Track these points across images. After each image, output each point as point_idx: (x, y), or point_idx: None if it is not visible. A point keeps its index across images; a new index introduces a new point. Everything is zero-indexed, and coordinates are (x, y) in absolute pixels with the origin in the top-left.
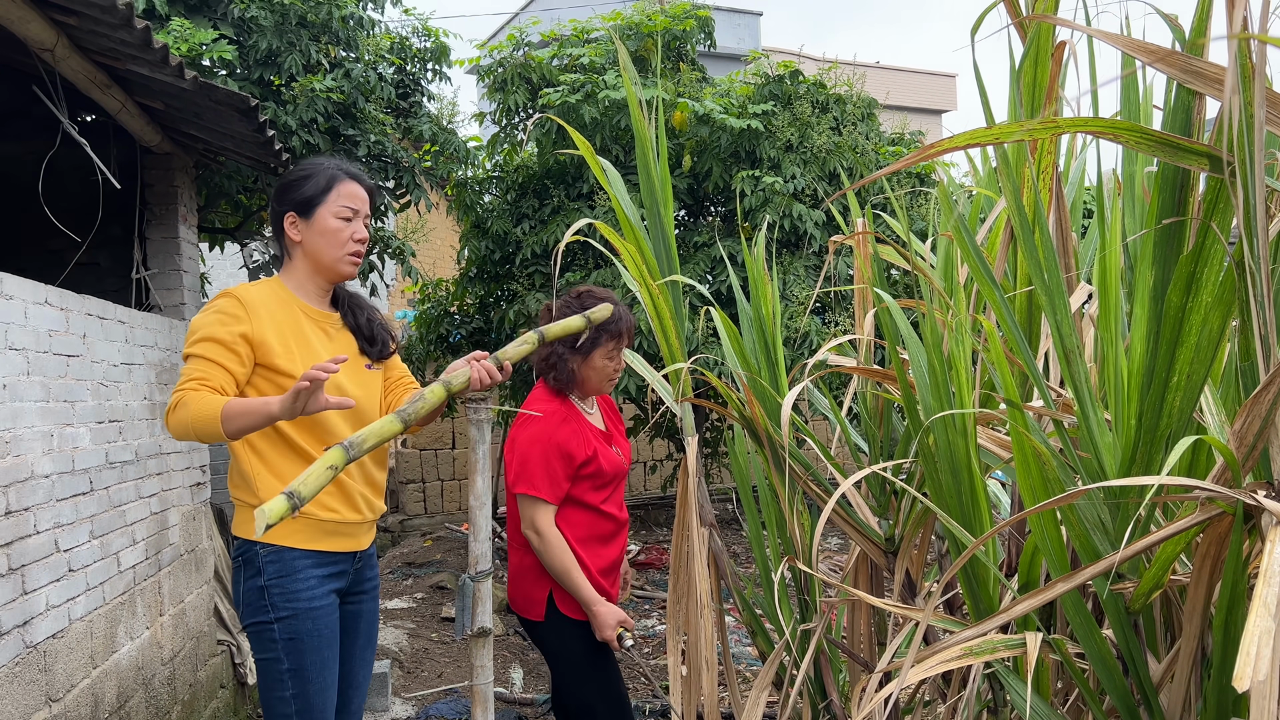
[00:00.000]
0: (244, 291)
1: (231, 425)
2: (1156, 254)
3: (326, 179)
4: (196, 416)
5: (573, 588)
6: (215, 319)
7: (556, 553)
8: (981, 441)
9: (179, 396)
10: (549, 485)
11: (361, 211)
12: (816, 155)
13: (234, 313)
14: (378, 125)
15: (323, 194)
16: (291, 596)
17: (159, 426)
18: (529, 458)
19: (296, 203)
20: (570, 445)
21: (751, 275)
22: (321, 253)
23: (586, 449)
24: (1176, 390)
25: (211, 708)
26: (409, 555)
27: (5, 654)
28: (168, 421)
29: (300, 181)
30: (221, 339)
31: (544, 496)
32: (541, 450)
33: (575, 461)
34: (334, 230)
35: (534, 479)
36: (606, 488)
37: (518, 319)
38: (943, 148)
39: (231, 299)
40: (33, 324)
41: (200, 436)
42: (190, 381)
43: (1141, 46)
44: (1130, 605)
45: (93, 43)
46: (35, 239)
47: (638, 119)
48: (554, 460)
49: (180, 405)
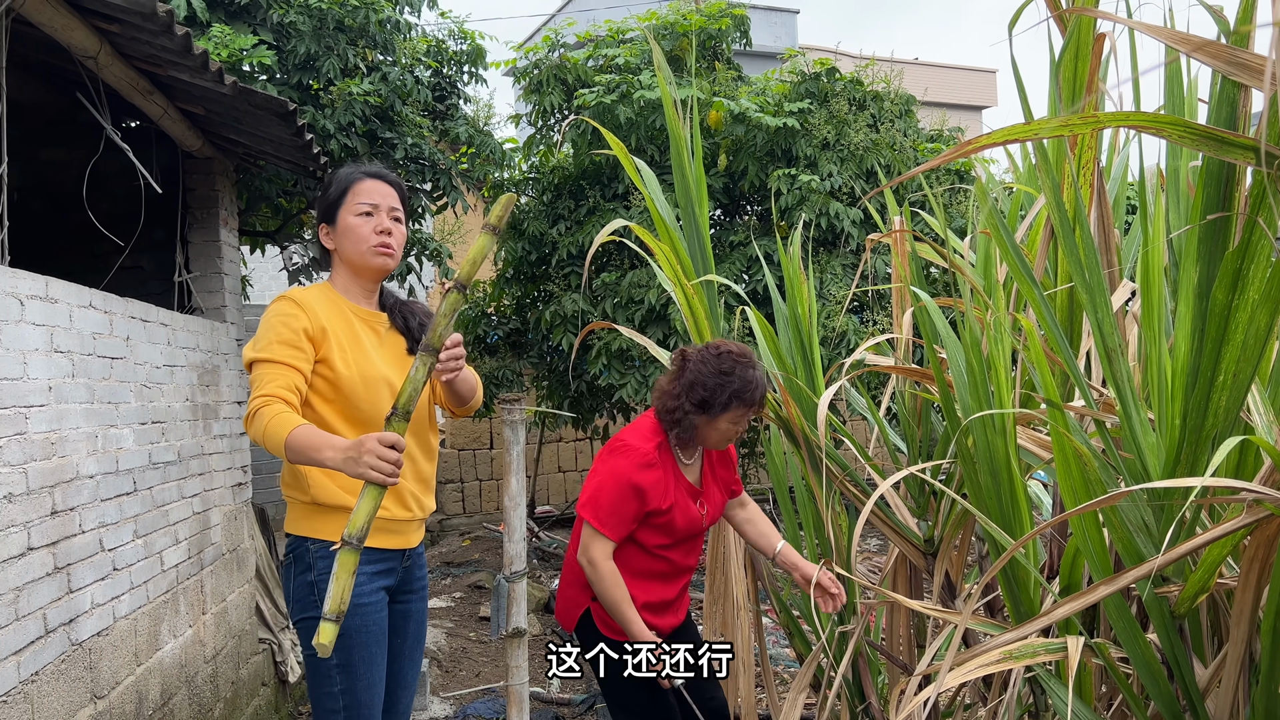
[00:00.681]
0: (297, 294)
1: (292, 457)
2: (1201, 250)
3: (343, 184)
4: (266, 436)
5: (622, 621)
6: (277, 321)
7: (609, 586)
8: (1021, 442)
9: (254, 407)
10: (614, 523)
11: (383, 205)
12: (854, 153)
13: (292, 312)
14: (415, 128)
15: (341, 198)
16: None
17: (200, 428)
18: (604, 489)
19: (323, 213)
20: (649, 492)
21: (787, 274)
22: (350, 252)
23: (664, 501)
24: (1222, 389)
25: (253, 705)
26: (447, 554)
27: (52, 651)
28: (247, 426)
29: (325, 193)
30: (286, 339)
31: (605, 533)
32: (617, 487)
33: (648, 509)
34: (355, 228)
35: (601, 512)
36: (677, 541)
37: (554, 319)
38: (981, 143)
39: (287, 301)
40: (78, 327)
41: (269, 449)
42: (261, 395)
43: (1184, 38)
44: (1175, 609)
45: (135, 49)
46: (81, 243)
47: (672, 119)
48: (628, 501)
49: (256, 417)
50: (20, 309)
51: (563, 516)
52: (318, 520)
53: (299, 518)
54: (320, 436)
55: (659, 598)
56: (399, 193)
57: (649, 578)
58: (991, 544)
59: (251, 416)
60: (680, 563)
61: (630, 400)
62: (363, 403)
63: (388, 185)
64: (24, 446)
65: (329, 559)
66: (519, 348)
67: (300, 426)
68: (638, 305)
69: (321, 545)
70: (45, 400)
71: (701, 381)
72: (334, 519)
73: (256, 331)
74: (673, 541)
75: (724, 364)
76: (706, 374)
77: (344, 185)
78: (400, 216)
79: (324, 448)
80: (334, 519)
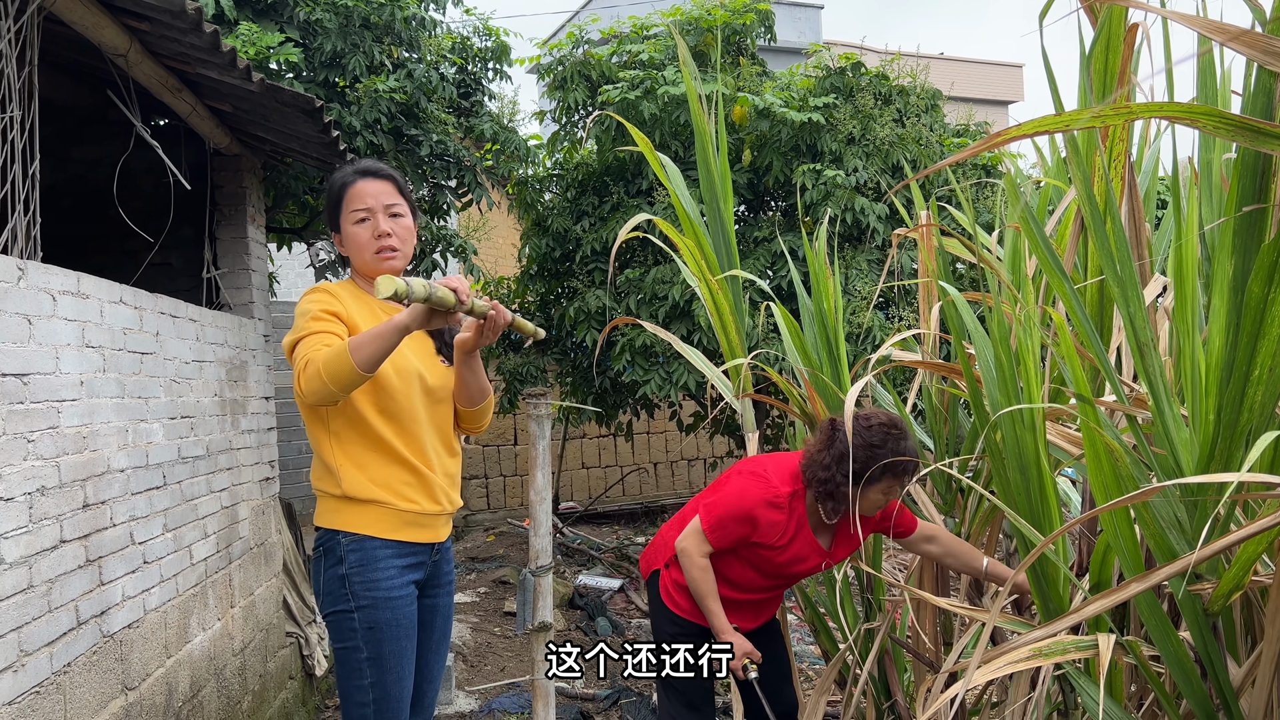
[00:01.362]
0: (331, 287)
1: (362, 354)
2: (1236, 243)
3: (336, 192)
4: (327, 361)
5: (707, 612)
6: (313, 304)
7: (697, 576)
8: (1051, 438)
9: (303, 362)
10: (719, 535)
11: (376, 206)
12: (879, 148)
13: (323, 297)
14: (440, 125)
15: (337, 207)
16: (372, 585)
17: (229, 423)
18: (724, 503)
19: (330, 222)
20: (763, 528)
21: (813, 270)
22: (356, 259)
23: (777, 539)
24: (1258, 384)
25: (281, 698)
26: (472, 550)
27: (83, 643)
28: (301, 387)
29: (326, 203)
30: (324, 316)
31: (709, 537)
32: (737, 507)
33: (755, 540)
34: (354, 235)
35: (713, 519)
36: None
37: (578, 315)
38: (1010, 135)
39: (319, 290)
40: (109, 322)
41: (337, 382)
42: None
43: (1218, 27)
44: (1209, 607)
45: (164, 47)
46: (111, 240)
47: (697, 114)
48: (740, 524)
49: (310, 364)
50: (52, 304)
51: (586, 513)
52: (349, 513)
53: (329, 511)
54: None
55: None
56: (395, 184)
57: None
58: (1020, 540)
59: (303, 371)
60: (776, 594)
61: (654, 396)
62: (397, 394)
63: (380, 181)
64: (56, 440)
65: (360, 552)
66: (543, 344)
67: (350, 337)
68: (662, 301)
69: (353, 539)
70: (77, 395)
71: (854, 455)
72: (365, 512)
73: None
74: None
75: (874, 436)
76: (859, 446)
77: (337, 193)
78: (400, 210)
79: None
80: (365, 512)
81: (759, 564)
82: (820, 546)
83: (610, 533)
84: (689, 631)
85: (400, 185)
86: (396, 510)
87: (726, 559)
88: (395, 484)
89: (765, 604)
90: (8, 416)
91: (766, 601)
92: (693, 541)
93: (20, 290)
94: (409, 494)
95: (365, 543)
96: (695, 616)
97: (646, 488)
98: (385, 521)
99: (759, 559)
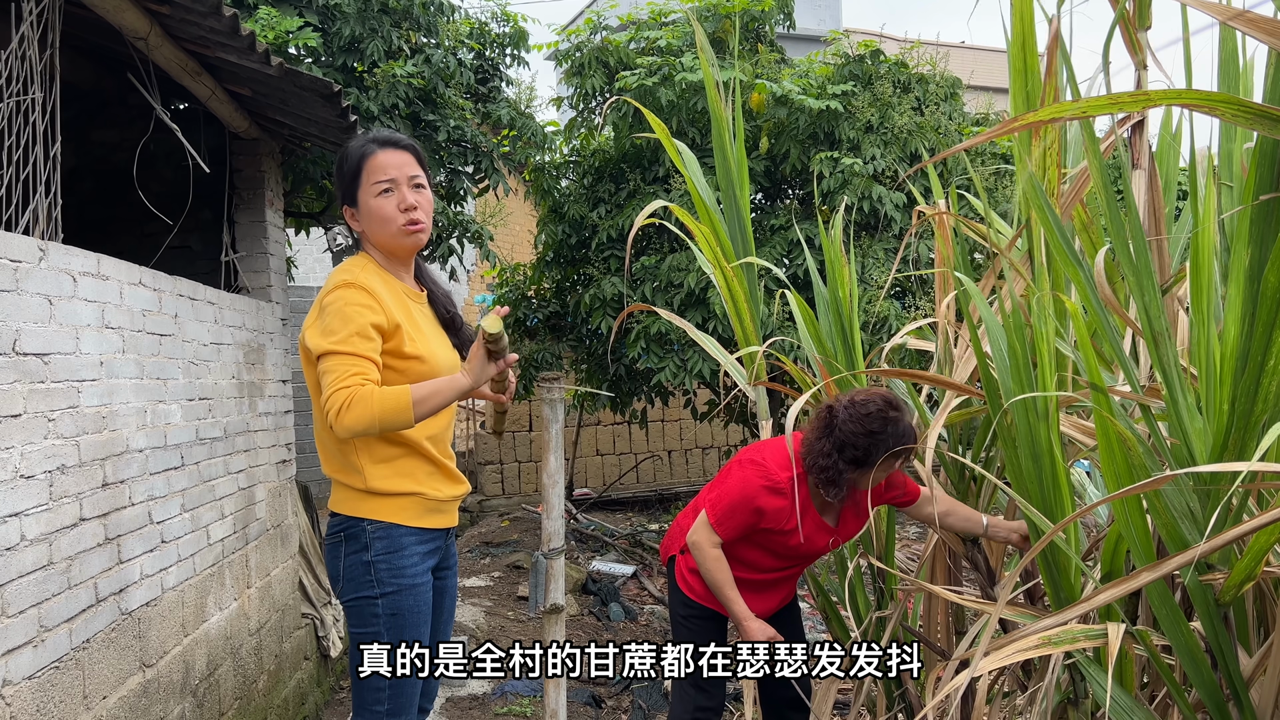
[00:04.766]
0: (364, 280)
1: (423, 409)
2: (1253, 232)
3: (354, 162)
4: (385, 410)
5: (725, 601)
6: (355, 312)
7: (712, 567)
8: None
9: (349, 394)
10: (728, 527)
11: (400, 177)
12: (897, 136)
13: (367, 303)
14: (457, 110)
15: (355, 178)
16: (398, 572)
17: (246, 405)
18: (728, 495)
19: (344, 195)
20: (768, 515)
21: (829, 258)
22: (380, 235)
23: (785, 524)
24: (1273, 374)
25: (296, 679)
26: (486, 535)
27: (102, 620)
28: (341, 421)
29: (341, 174)
30: (366, 334)
31: (718, 530)
32: (740, 499)
33: (763, 526)
34: (378, 209)
35: (719, 513)
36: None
37: (593, 302)
38: (1026, 121)
39: (358, 290)
40: (128, 304)
41: (388, 428)
42: (352, 377)
43: (1238, 14)
44: (1220, 597)
45: (184, 31)
46: (131, 223)
47: (714, 101)
48: (745, 515)
49: (357, 402)
50: (73, 285)
51: (601, 499)
52: (375, 502)
53: (352, 499)
54: (438, 380)
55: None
56: (415, 156)
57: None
58: (1032, 529)
59: (348, 405)
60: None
61: (668, 384)
62: None
63: (401, 151)
64: (76, 420)
65: (388, 539)
66: (558, 331)
67: (413, 386)
68: (677, 289)
69: (379, 526)
70: (96, 375)
71: (853, 443)
72: (391, 501)
73: (327, 314)
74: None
75: (873, 424)
76: (858, 434)
77: (356, 163)
78: (422, 182)
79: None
80: (391, 501)
81: (772, 547)
82: (827, 525)
83: (624, 519)
84: (702, 614)
85: (420, 156)
86: (423, 499)
87: (739, 543)
88: (419, 475)
89: (781, 583)
90: (29, 395)
91: (783, 581)
92: (703, 535)
93: (41, 271)
94: (432, 483)
95: (392, 530)
96: (709, 601)
97: (661, 475)
98: (411, 510)
99: (771, 542)
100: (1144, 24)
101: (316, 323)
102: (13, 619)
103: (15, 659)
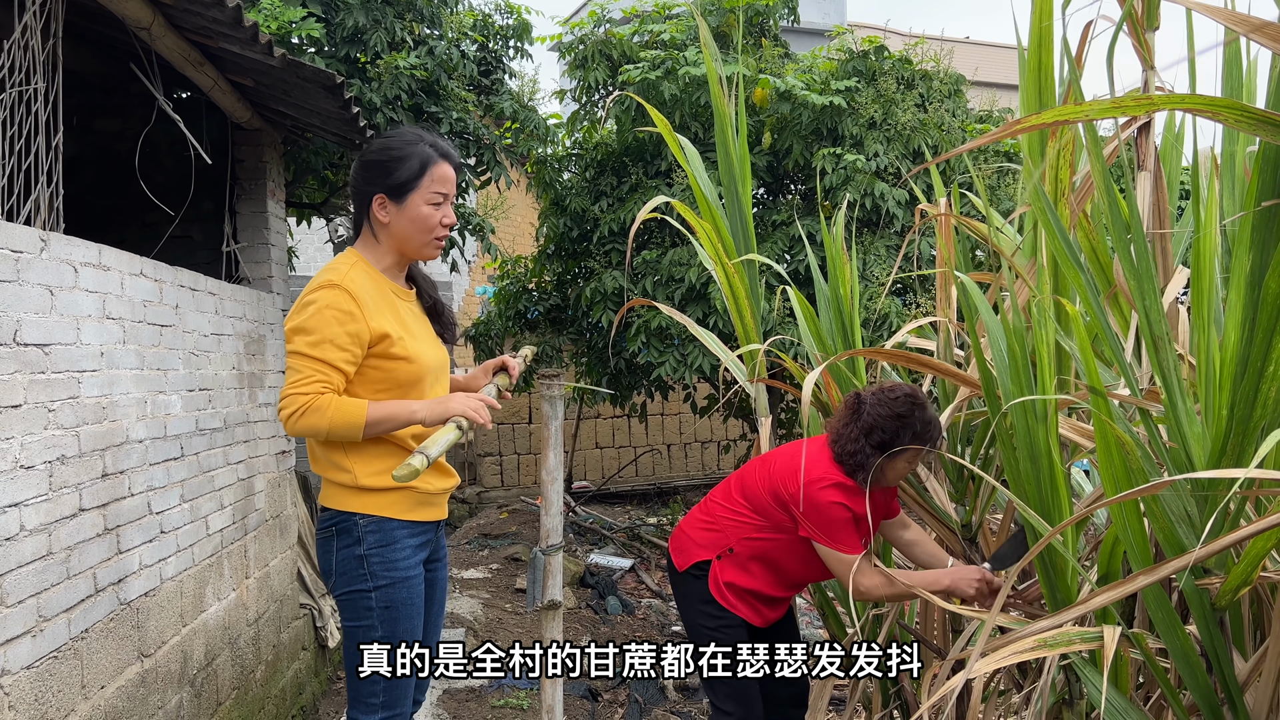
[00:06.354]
0: (350, 283)
1: (374, 430)
2: (1255, 237)
3: (420, 162)
4: (336, 423)
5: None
6: (332, 318)
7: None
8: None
9: (307, 401)
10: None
11: (450, 195)
12: (900, 133)
13: (349, 309)
14: (460, 102)
15: (416, 179)
16: (391, 565)
17: (246, 396)
18: (833, 521)
19: (389, 186)
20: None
21: (830, 254)
22: (410, 238)
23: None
24: (1272, 380)
25: (294, 669)
26: (485, 527)
27: (101, 610)
28: (293, 424)
29: (394, 164)
30: (341, 343)
31: (855, 551)
32: (843, 516)
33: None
34: (425, 217)
35: (840, 536)
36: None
37: (594, 296)
38: (1031, 123)
39: (343, 294)
40: (129, 294)
41: (338, 438)
42: (314, 384)
43: (1241, 19)
44: (1216, 601)
45: (186, 21)
46: (133, 213)
47: (717, 95)
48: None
49: (311, 410)
50: (74, 275)
51: (599, 492)
52: (366, 497)
53: (343, 495)
54: (399, 403)
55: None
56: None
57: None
58: (1030, 531)
59: (303, 411)
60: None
61: (668, 378)
62: (426, 393)
63: (454, 170)
64: (76, 410)
65: (380, 533)
66: (559, 324)
67: (372, 404)
68: (678, 283)
69: (371, 520)
70: (97, 365)
71: (880, 425)
72: (382, 496)
73: (306, 311)
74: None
75: (900, 407)
76: (885, 417)
77: (422, 165)
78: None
79: (410, 407)
80: (382, 496)
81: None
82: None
83: (622, 513)
84: (734, 623)
85: (460, 177)
86: (414, 492)
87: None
88: None
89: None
90: (29, 386)
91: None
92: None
93: (42, 261)
94: (422, 476)
95: (384, 524)
96: (742, 611)
97: (659, 469)
98: (402, 503)
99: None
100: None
101: (296, 316)
102: (11, 609)
103: (14, 649)
